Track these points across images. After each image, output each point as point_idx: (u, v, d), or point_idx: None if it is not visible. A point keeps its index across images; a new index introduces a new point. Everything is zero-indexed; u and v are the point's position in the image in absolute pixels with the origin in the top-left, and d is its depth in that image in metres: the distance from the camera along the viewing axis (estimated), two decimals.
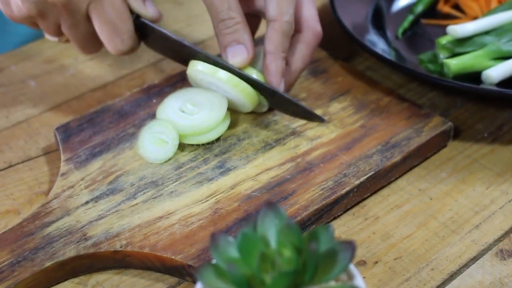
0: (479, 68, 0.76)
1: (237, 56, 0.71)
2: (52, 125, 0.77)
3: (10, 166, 0.73)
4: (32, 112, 0.80)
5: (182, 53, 0.73)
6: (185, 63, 0.74)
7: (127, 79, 0.84)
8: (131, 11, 0.72)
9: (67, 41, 0.76)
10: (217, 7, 0.70)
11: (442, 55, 0.79)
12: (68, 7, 0.69)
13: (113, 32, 0.71)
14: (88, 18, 0.71)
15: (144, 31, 0.74)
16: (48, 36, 0.77)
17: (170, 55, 0.76)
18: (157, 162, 0.69)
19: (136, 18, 0.73)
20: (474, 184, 0.70)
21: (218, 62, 0.71)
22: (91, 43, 0.74)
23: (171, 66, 0.85)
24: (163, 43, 0.74)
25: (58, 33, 0.74)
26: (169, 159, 0.69)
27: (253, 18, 0.77)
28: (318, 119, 0.72)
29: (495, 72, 0.74)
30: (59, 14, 0.70)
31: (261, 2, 0.74)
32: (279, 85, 0.71)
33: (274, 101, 0.72)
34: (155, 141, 0.69)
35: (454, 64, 0.75)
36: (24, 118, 0.79)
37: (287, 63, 0.73)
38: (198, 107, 0.71)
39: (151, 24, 0.73)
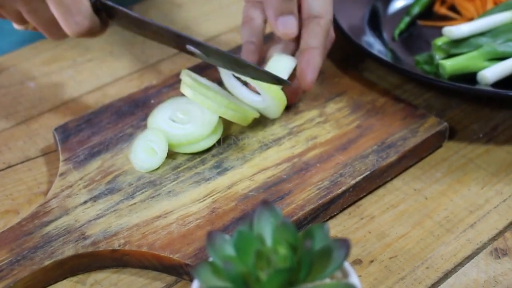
0: (475, 69, 0.77)
1: (289, 26, 0.72)
2: (51, 126, 0.77)
3: (9, 167, 0.74)
4: (31, 113, 0.81)
5: (147, 30, 0.72)
6: (154, 39, 0.73)
7: (125, 80, 0.85)
8: None
9: (35, 28, 0.74)
10: None
11: (437, 56, 0.80)
12: None
13: (66, 14, 0.69)
14: (44, 2, 0.69)
15: (109, 12, 0.72)
16: (15, 25, 0.75)
17: (139, 32, 0.74)
18: (142, 170, 0.69)
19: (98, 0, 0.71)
20: (469, 184, 0.71)
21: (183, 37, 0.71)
22: (55, 28, 0.72)
23: (169, 67, 0.86)
24: (128, 21, 0.73)
25: (23, 20, 0.73)
26: (167, 159, 0.69)
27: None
28: (285, 83, 0.71)
29: (490, 73, 0.75)
30: (14, 1, 0.69)
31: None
32: (313, 81, 0.73)
33: (240, 69, 0.72)
34: (146, 149, 0.69)
35: (449, 65, 0.76)
36: (23, 119, 0.80)
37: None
38: (189, 116, 0.72)
39: (110, 3, 0.71)
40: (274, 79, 0.70)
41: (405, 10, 0.91)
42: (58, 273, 0.62)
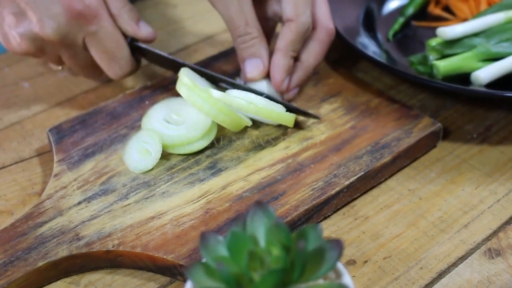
0: (468, 69, 0.77)
1: (254, 69, 0.74)
2: (45, 126, 0.77)
3: (3, 167, 0.74)
4: (25, 113, 0.81)
5: (178, 67, 0.75)
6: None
7: (119, 81, 0.85)
8: (126, 35, 0.75)
9: (71, 69, 0.78)
10: (235, 22, 0.73)
11: (432, 56, 0.80)
12: (65, 42, 0.72)
13: (110, 60, 0.74)
14: (86, 49, 0.73)
15: (140, 52, 0.77)
16: (51, 65, 0.79)
17: (168, 68, 0.78)
18: (136, 171, 0.69)
19: (132, 41, 0.75)
20: (463, 184, 0.71)
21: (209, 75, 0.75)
22: (93, 70, 0.77)
23: (164, 68, 0.86)
24: (160, 61, 0.77)
25: (60, 62, 0.77)
26: (161, 160, 0.69)
27: (269, 21, 0.79)
28: (313, 117, 0.74)
29: (484, 74, 0.75)
30: (56, 49, 0.73)
31: (277, 7, 0.76)
32: (282, 82, 0.74)
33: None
34: (140, 150, 0.69)
35: (443, 65, 0.76)
36: (17, 120, 0.80)
37: (300, 59, 0.75)
38: (183, 117, 0.72)
39: (145, 46, 0.76)
40: (296, 111, 0.73)
41: (399, 11, 0.91)
42: (52, 274, 0.62)
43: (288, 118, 0.71)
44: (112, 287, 0.62)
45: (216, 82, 0.75)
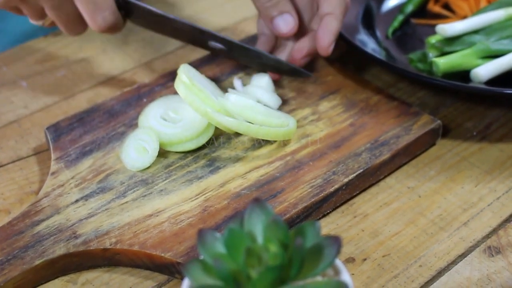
0: (468, 67, 0.76)
1: (287, 24, 0.74)
2: (43, 125, 0.77)
3: (1, 166, 0.73)
4: (23, 112, 0.80)
5: (168, 26, 0.74)
6: (173, 36, 0.75)
7: (118, 79, 0.85)
8: None
9: (51, 24, 0.76)
10: None
11: (431, 54, 0.79)
12: None
13: (94, 9, 0.71)
14: None
15: (128, 9, 0.74)
16: (31, 20, 0.76)
17: (157, 30, 0.76)
18: (134, 169, 0.68)
19: None
20: (462, 182, 0.70)
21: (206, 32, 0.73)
22: (76, 23, 0.74)
23: (162, 66, 0.86)
24: (148, 19, 0.75)
25: (42, 15, 0.74)
26: (159, 157, 0.69)
27: None
28: (305, 74, 0.74)
29: (483, 71, 0.75)
30: None
31: None
32: (330, 46, 0.74)
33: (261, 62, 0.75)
34: (137, 148, 0.69)
35: (443, 63, 0.76)
36: (15, 118, 0.80)
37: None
38: (180, 115, 0.71)
39: (133, 0, 0.74)
40: (294, 70, 0.73)
41: (399, 8, 0.90)
42: (49, 272, 0.61)
43: (286, 133, 0.69)
44: (110, 285, 0.61)
45: (207, 39, 0.74)
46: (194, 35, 0.74)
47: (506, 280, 0.61)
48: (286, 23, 0.74)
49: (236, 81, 0.77)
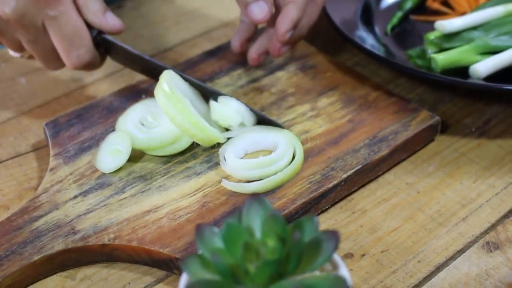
0: (467, 63, 0.76)
1: (261, 11, 0.73)
2: (41, 121, 0.77)
3: (0, 162, 0.73)
4: (22, 109, 0.80)
5: (144, 67, 0.74)
6: (151, 76, 0.75)
7: (116, 76, 0.85)
8: (91, 26, 0.72)
9: (30, 57, 0.75)
10: None
11: (430, 50, 0.79)
12: (22, 22, 0.69)
13: (69, 47, 0.71)
14: (46, 33, 0.71)
15: (107, 46, 0.74)
16: (11, 52, 0.76)
17: (135, 68, 0.76)
18: (109, 171, 0.68)
19: (98, 34, 0.73)
20: (461, 178, 0.70)
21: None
22: (53, 58, 0.73)
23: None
24: (125, 57, 0.75)
25: (21, 48, 0.74)
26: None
27: None
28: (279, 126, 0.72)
29: (482, 67, 0.75)
30: (15, 30, 0.70)
31: None
32: (287, 33, 0.73)
33: None
34: (112, 152, 0.68)
35: (442, 59, 0.76)
36: (14, 115, 0.80)
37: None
38: (158, 121, 0.70)
39: (111, 39, 0.73)
40: (268, 121, 0.72)
41: (398, 4, 0.90)
42: (48, 268, 0.61)
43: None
44: (108, 281, 0.61)
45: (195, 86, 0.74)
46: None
47: (505, 276, 0.61)
48: (260, 10, 0.73)
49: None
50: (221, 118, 0.69)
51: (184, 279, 0.49)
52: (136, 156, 0.69)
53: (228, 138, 0.70)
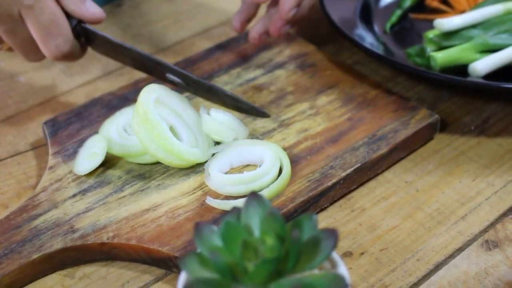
0: (466, 61, 0.76)
1: None
2: (40, 120, 0.77)
3: None
4: (21, 107, 0.80)
5: (126, 56, 0.73)
6: (132, 66, 0.74)
7: (116, 74, 0.85)
8: (71, 15, 0.71)
9: (10, 49, 0.74)
10: None
11: (429, 48, 0.79)
12: None
13: (46, 36, 0.69)
14: (23, 23, 0.69)
15: (87, 36, 0.73)
16: None
17: (116, 58, 0.75)
18: (84, 173, 0.67)
19: (78, 23, 0.72)
20: (460, 176, 0.70)
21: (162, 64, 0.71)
22: (32, 49, 0.72)
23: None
24: (107, 47, 0.73)
25: None
26: None
27: None
28: (264, 115, 0.72)
29: (481, 65, 0.75)
30: None
31: None
32: (291, 11, 0.75)
33: (217, 98, 0.73)
34: (88, 156, 0.68)
35: (441, 57, 0.76)
36: (13, 113, 0.80)
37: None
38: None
39: (91, 28, 0.72)
40: (252, 109, 0.72)
41: (397, 3, 0.90)
42: (47, 266, 0.61)
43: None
44: (107, 279, 0.61)
45: (164, 71, 0.72)
46: (151, 67, 0.72)
47: (504, 274, 0.61)
48: None
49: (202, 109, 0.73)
50: (213, 132, 0.68)
51: (183, 277, 0.49)
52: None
53: (213, 154, 0.69)
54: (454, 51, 0.76)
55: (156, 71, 0.73)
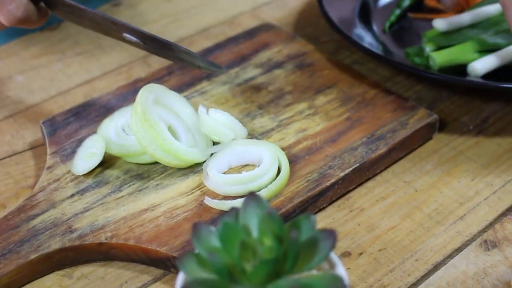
0: (465, 60, 0.76)
1: None
2: (38, 120, 0.77)
3: None
4: (19, 107, 0.80)
5: (84, 18, 0.71)
6: (91, 28, 0.72)
7: (114, 73, 0.84)
8: None
9: None
10: None
11: (428, 48, 0.79)
12: None
13: (0, 2, 0.67)
14: None
15: (47, 1, 0.70)
16: None
17: (76, 21, 0.72)
18: (82, 173, 0.67)
19: None
20: (459, 176, 0.70)
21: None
22: None
23: (159, 61, 0.85)
24: (65, 10, 0.71)
25: None
26: None
27: None
28: (220, 70, 0.71)
29: (480, 65, 0.75)
30: None
31: None
32: None
33: (169, 53, 0.71)
34: (87, 156, 0.68)
35: (440, 56, 0.76)
36: (11, 113, 0.79)
37: None
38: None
39: None
40: (209, 65, 0.70)
41: (396, 2, 0.90)
42: (45, 266, 0.61)
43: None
44: (105, 279, 0.61)
45: (121, 31, 0.70)
46: (108, 27, 0.71)
47: (502, 274, 0.61)
48: None
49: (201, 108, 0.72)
50: (211, 132, 0.68)
51: (181, 278, 0.49)
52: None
53: (211, 154, 0.68)
54: (453, 51, 0.76)
55: (112, 31, 0.71)
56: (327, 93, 0.77)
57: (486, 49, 0.77)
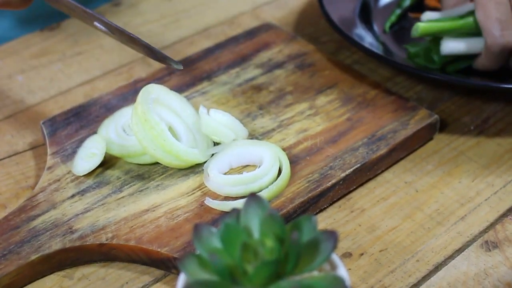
0: (446, 34, 0.75)
1: None
2: (39, 120, 0.77)
3: None
4: (19, 107, 0.80)
5: (61, 5, 0.70)
6: (70, 14, 0.72)
7: (114, 73, 0.84)
8: None
9: None
10: None
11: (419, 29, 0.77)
12: None
13: None
14: None
15: None
16: None
17: (56, 6, 0.72)
18: (83, 173, 0.67)
19: None
20: (460, 177, 0.70)
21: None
22: None
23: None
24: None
25: None
26: None
27: None
28: (175, 64, 0.69)
29: (450, 44, 0.74)
30: None
31: None
32: None
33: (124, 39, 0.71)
34: (87, 156, 0.67)
35: (423, 26, 0.75)
36: (11, 113, 0.79)
37: None
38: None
39: None
40: (169, 60, 0.69)
41: (396, 2, 0.90)
42: (45, 267, 0.61)
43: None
44: (106, 280, 0.61)
45: (92, 19, 0.70)
46: (81, 14, 0.70)
47: (503, 275, 0.61)
48: None
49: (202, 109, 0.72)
50: (212, 133, 0.68)
51: (182, 279, 0.49)
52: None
53: (212, 154, 0.68)
54: (440, 24, 0.75)
55: (85, 19, 0.71)
56: (328, 93, 0.77)
57: (473, 33, 0.75)
